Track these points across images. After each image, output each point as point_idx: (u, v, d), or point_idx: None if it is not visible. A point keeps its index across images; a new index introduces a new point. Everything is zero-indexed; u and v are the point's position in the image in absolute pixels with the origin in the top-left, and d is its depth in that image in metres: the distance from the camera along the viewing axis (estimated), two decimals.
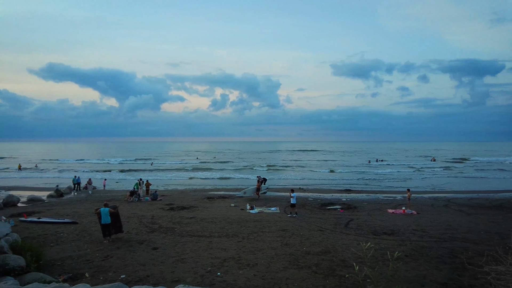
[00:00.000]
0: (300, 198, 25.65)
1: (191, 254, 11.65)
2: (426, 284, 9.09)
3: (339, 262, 10.86)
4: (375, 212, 20.22)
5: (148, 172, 50.48)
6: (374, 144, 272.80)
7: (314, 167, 60.60)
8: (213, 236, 14.21)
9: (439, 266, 10.51)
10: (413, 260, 11.06)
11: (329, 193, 29.03)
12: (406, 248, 12.48)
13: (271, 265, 10.51)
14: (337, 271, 9.96)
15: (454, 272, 9.95)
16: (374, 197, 26.94)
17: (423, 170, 53.77)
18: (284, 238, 13.87)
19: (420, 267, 10.39)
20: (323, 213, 20.09)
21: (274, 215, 19.14)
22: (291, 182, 38.40)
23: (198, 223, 16.90)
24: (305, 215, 19.12)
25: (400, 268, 10.08)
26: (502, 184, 36.95)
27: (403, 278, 9.41)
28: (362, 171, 51.74)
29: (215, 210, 20.96)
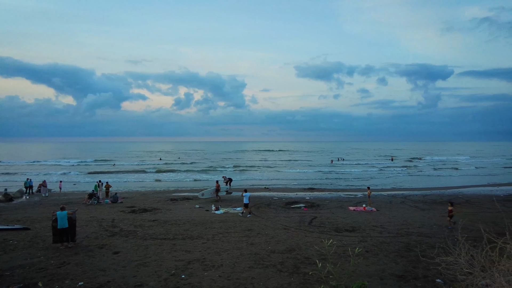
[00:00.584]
0: (265, 197, 25.89)
1: (154, 258, 11.34)
2: (385, 277, 9.52)
3: (303, 259, 11.08)
4: (337, 210, 20.86)
5: (108, 174, 48.47)
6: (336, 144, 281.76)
7: (279, 166, 61.46)
8: (177, 239, 13.93)
9: (397, 260, 11.05)
10: (373, 255, 11.53)
11: (293, 192, 29.54)
12: (367, 244, 12.99)
13: (237, 266, 10.50)
14: (302, 269, 10.15)
15: (409, 265, 10.51)
16: (336, 195, 27.78)
17: (382, 169, 56.33)
18: (250, 238, 13.91)
19: (380, 262, 10.86)
20: (287, 211, 20.39)
21: (239, 215, 19.14)
22: (257, 182, 38.66)
23: (161, 225, 16.49)
24: (270, 214, 19.30)
25: (361, 263, 10.49)
26: (452, 181, 39.63)
27: (364, 272, 9.80)
28: (325, 170, 53.22)
29: (178, 212, 20.57)
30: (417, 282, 9.13)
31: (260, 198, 25.71)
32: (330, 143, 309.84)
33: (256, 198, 25.34)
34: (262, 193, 28.53)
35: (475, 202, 23.66)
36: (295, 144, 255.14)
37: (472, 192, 29.16)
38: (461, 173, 49.94)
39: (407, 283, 9.05)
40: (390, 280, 9.31)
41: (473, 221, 15.15)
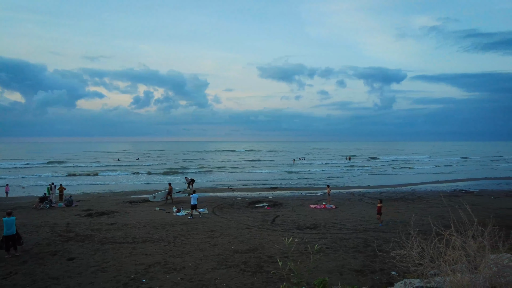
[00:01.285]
0: (229, 197, 25.82)
1: (113, 262, 10.89)
2: (344, 272, 9.88)
3: (266, 258, 11.18)
4: (299, 208, 21.30)
5: (61, 176, 45.74)
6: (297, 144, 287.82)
7: (243, 167, 61.57)
8: (137, 242, 13.48)
9: (355, 255, 11.50)
10: (333, 251, 11.92)
11: (256, 192, 29.74)
12: (327, 241, 13.39)
13: (199, 267, 10.37)
14: (265, 267, 10.24)
15: (367, 259, 10.99)
16: (297, 194, 28.37)
17: (342, 168, 58.41)
18: (212, 239, 13.80)
19: (339, 257, 11.25)
20: (251, 211, 20.48)
21: (202, 217, 18.92)
22: (220, 182, 38.44)
23: (119, 229, 15.86)
24: (234, 214, 19.27)
25: (321, 260, 10.80)
26: (405, 179, 41.98)
27: (324, 268, 10.09)
28: (287, 170, 54.14)
29: (138, 214, 19.92)
30: (374, 275, 9.57)
31: (223, 198, 25.60)
32: (292, 143, 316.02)
33: (220, 199, 25.20)
34: (225, 193, 28.44)
35: (426, 198, 25.26)
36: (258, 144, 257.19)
37: (423, 189, 31.12)
38: (415, 171, 53.10)
39: (365, 277, 9.45)
40: (349, 275, 9.67)
41: (423, 216, 16.17)
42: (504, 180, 39.30)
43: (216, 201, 24.12)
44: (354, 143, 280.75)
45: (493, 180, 38.71)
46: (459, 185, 33.97)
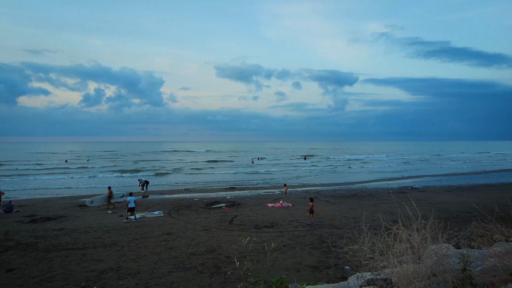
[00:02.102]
0: (186, 199, 25.34)
1: (60, 271, 10.20)
2: (301, 269, 10.14)
3: (224, 259, 11.14)
4: (257, 207, 21.49)
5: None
6: (255, 143, 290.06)
7: (200, 167, 60.71)
8: (88, 248, 12.76)
9: (311, 252, 11.85)
10: (290, 249, 12.18)
11: (214, 192, 29.49)
12: (284, 239, 13.66)
13: (155, 271, 10.07)
14: (223, 268, 10.20)
15: (323, 255, 11.38)
16: (256, 193, 28.59)
17: (298, 167, 59.85)
18: (169, 242, 13.46)
19: (296, 255, 11.52)
20: (208, 212, 20.28)
21: (158, 219, 18.38)
22: (177, 184, 37.56)
23: (68, 234, 14.90)
24: (191, 216, 18.95)
25: (279, 258, 10.99)
26: (357, 177, 44.03)
27: (282, 266, 10.28)
28: (246, 170, 54.34)
29: (89, 218, 18.87)
30: (329, 271, 9.93)
31: (180, 200, 25.06)
32: (250, 143, 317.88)
33: (176, 200, 24.65)
34: (182, 195, 27.86)
35: (376, 195, 26.69)
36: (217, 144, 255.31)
37: (374, 186, 32.84)
38: (367, 170, 55.86)
39: (320, 273, 9.77)
40: (305, 271, 9.94)
41: (374, 212, 17.08)
42: (444, 176, 42.68)
43: (172, 203, 23.57)
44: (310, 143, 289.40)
45: (435, 177, 41.88)
46: (406, 182, 36.32)
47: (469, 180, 37.30)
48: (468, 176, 43.19)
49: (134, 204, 18.38)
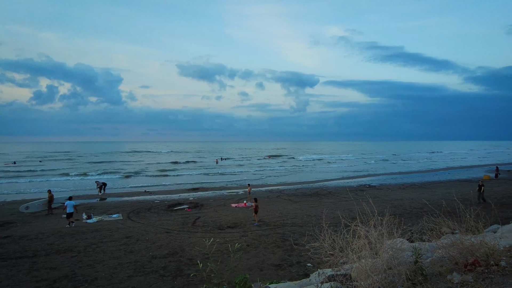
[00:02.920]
0: (146, 201, 24.59)
1: (6, 282, 9.47)
2: (264, 268, 10.22)
3: (187, 261, 10.96)
4: (220, 208, 21.36)
5: None
6: (219, 144, 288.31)
7: (162, 168, 59.14)
8: (39, 255, 11.96)
9: (274, 250, 12.00)
10: (254, 249, 12.24)
11: (176, 194, 28.89)
12: (248, 238, 13.70)
13: (114, 276, 9.67)
14: (185, 271, 10.03)
15: (285, 253, 11.56)
16: (219, 194, 28.41)
17: (262, 167, 60.31)
18: (128, 246, 12.99)
19: (259, 254, 11.60)
20: (170, 214, 19.83)
21: (117, 223, 17.66)
22: (137, 185, 36.30)
23: (16, 242, 13.87)
24: (151, 219, 18.42)
25: (242, 258, 11.01)
26: (318, 176, 45.24)
27: (245, 266, 10.31)
28: (210, 170, 53.80)
29: (40, 224, 17.70)
30: (292, 268, 10.11)
31: (139, 202, 24.27)
32: (214, 143, 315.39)
33: (136, 203, 23.84)
34: (142, 197, 27.00)
35: (336, 193, 27.59)
36: (179, 144, 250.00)
37: (334, 185, 33.92)
38: (327, 169, 57.55)
39: (283, 271, 9.92)
40: (269, 270, 10.04)
41: (334, 209, 17.65)
42: (398, 175, 45.10)
43: (131, 205, 22.76)
44: (273, 143, 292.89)
45: (390, 175, 44.13)
46: (364, 181, 37.93)
47: (420, 178, 39.72)
48: (420, 174, 46.00)
49: (73, 209, 17.27)
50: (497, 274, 3.91)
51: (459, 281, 3.82)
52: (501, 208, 17.54)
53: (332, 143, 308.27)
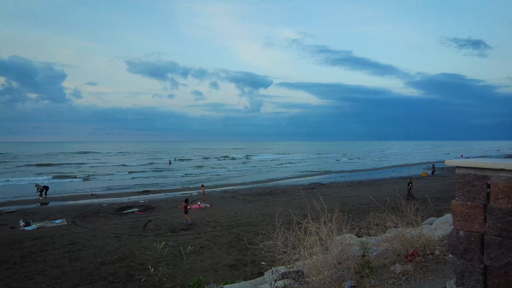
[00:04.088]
0: (93, 205, 23.24)
1: None
2: (218, 269, 10.16)
3: (137, 266, 10.55)
4: (173, 210, 20.84)
5: None
6: (172, 144, 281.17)
7: (110, 169, 56.23)
8: None
9: (229, 251, 11.97)
10: (208, 250, 12.11)
11: (126, 196, 27.64)
12: (202, 240, 13.53)
13: (57, 287, 9.01)
14: (136, 276, 9.65)
15: (240, 253, 11.59)
16: (172, 196, 27.71)
17: (216, 167, 59.86)
18: (73, 253, 12.19)
19: (214, 255, 11.51)
20: (119, 218, 18.93)
21: (60, 229, 16.46)
22: (82, 188, 34.11)
23: None
24: (99, 223, 17.44)
25: (196, 260, 10.83)
26: (272, 175, 45.98)
27: (199, 268, 10.16)
28: (162, 171, 52.21)
29: None
30: (246, 268, 10.17)
31: (86, 206, 22.85)
32: (167, 143, 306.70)
33: (82, 207, 22.42)
34: (88, 201, 25.44)
35: (288, 191, 28.23)
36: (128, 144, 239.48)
37: (286, 183, 34.69)
38: (281, 168, 58.66)
39: (238, 271, 9.93)
40: (223, 270, 10.00)
41: (287, 207, 18.03)
42: (347, 173, 47.34)
43: (77, 209, 21.38)
44: (228, 143, 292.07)
45: (339, 174, 46.18)
46: (315, 179, 39.25)
47: (367, 176, 42.04)
48: (366, 172, 48.69)
49: None
50: (432, 262, 4.26)
51: (401, 271, 4.10)
52: (436, 202, 19.14)
53: (285, 143, 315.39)
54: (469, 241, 2.65)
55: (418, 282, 3.75)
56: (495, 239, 2.49)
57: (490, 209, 2.52)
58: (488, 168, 2.54)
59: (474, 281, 2.62)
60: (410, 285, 3.73)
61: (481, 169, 2.58)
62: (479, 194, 2.59)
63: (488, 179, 2.53)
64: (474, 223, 2.62)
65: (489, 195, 2.53)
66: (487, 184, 2.54)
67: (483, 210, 2.56)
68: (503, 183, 2.44)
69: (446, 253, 4.42)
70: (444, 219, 7.47)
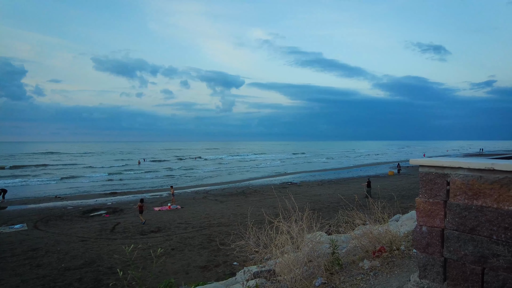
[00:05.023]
0: (57, 208, 22.21)
1: None
2: (190, 270, 10.04)
3: (105, 270, 10.21)
4: None
5: None
6: (141, 144, 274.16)
7: (75, 171, 53.89)
8: None
9: (200, 252, 11.85)
10: (179, 252, 11.93)
11: (92, 198, 26.63)
12: (172, 242, 13.30)
13: None
14: (104, 281, 9.33)
15: (212, 254, 11.51)
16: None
17: (188, 168, 59.02)
18: (35, 259, 11.58)
19: (185, 257, 11.35)
20: (86, 221, 18.21)
21: (20, 234, 15.57)
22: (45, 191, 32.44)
23: None
24: (64, 227, 16.68)
25: (167, 262, 10.65)
26: (244, 175, 46.02)
27: (170, 270, 9.99)
28: (130, 172, 50.70)
29: None
30: (218, 269, 10.11)
31: (49, 209, 21.78)
32: (135, 143, 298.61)
33: (45, 210, 21.35)
34: (52, 203, 24.26)
35: (261, 191, 28.38)
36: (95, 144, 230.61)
37: (259, 183, 34.85)
38: (253, 168, 58.79)
39: (210, 272, 9.86)
40: (195, 272, 9.89)
41: (259, 207, 18.11)
42: (317, 172, 48.29)
43: (39, 213, 20.33)
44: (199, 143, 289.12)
45: (310, 173, 47.00)
46: (287, 178, 39.71)
47: (337, 175, 43.09)
48: (336, 171, 49.88)
49: None
50: (398, 257, 4.45)
51: (369, 267, 4.24)
52: (402, 199, 19.96)
53: (257, 143, 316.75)
54: (431, 236, 2.79)
55: (385, 277, 3.90)
56: (454, 233, 2.64)
57: (450, 205, 2.67)
58: (447, 166, 2.69)
59: (435, 273, 2.77)
60: (377, 280, 3.87)
61: (441, 168, 2.73)
62: (440, 191, 2.74)
63: (448, 177, 2.68)
64: (436, 218, 2.76)
65: (449, 192, 2.68)
66: (447, 182, 2.69)
67: (444, 206, 2.71)
68: (460, 181, 2.59)
69: (410, 248, 4.63)
70: (409, 216, 7.81)
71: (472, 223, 2.53)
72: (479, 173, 2.49)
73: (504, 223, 2.37)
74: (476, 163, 2.51)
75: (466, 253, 2.56)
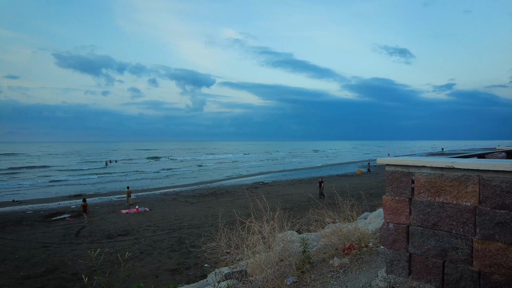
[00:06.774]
0: (15, 212, 20.93)
1: None
2: (160, 274, 9.81)
3: (70, 277, 9.76)
4: (109, 215, 19.65)
5: None
6: (108, 144, 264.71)
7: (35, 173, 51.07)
8: None
9: (170, 255, 11.63)
10: (148, 255, 11.63)
11: (55, 202, 25.37)
12: (141, 245, 12.94)
13: None
14: (69, 287, 8.91)
15: (182, 257, 11.32)
16: (107, 200, 26.09)
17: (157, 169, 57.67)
18: None
19: (154, 260, 11.08)
20: (48, 225, 17.30)
21: None
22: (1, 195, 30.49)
23: None
24: (23, 233, 15.76)
25: (135, 266, 10.35)
26: (215, 176, 45.66)
27: (139, 274, 9.72)
28: (97, 174, 48.76)
29: None
30: (189, 271, 9.96)
31: (6, 214, 20.48)
32: (102, 143, 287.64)
33: (0, 215, 20.06)
34: (9, 208, 22.81)
35: (232, 191, 28.29)
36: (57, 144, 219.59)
37: (230, 184, 34.73)
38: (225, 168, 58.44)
39: (180, 275, 9.68)
40: (165, 275, 9.68)
41: (230, 208, 18.04)
42: (288, 172, 48.89)
43: None
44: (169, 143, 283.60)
45: (281, 172, 47.48)
46: (258, 178, 39.86)
47: (307, 174, 43.83)
48: (306, 170, 50.75)
49: None
50: (367, 254, 4.58)
51: (339, 264, 4.34)
52: (370, 197, 20.61)
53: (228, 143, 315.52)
54: (397, 232, 2.90)
55: (355, 274, 4.01)
56: (418, 229, 2.76)
57: (414, 202, 2.79)
58: (412, 165, 2.81)
59: (401, 268, 2.88)
60: (347, 277, 3.97)
61: (406, 166, 2.84)
62: (405, 189, 2.85)
63: (413, 175, 2.80)
64: (401, 215, 2.87)
65: (414, 190, 2.79)
66: (411, 180, 2.81)
67: (409, 204, 2.83)
68: (424, 179, 2.71)
69: (378, 244, 4.79)
70: (377, 214, 8.09)
71: (434, 219, 2.66)
72: (440, 171, 2.62)
73: (462, 218, 2.51)
74: (438, 162, 2.64)
75: (429, 247, 2.68)
